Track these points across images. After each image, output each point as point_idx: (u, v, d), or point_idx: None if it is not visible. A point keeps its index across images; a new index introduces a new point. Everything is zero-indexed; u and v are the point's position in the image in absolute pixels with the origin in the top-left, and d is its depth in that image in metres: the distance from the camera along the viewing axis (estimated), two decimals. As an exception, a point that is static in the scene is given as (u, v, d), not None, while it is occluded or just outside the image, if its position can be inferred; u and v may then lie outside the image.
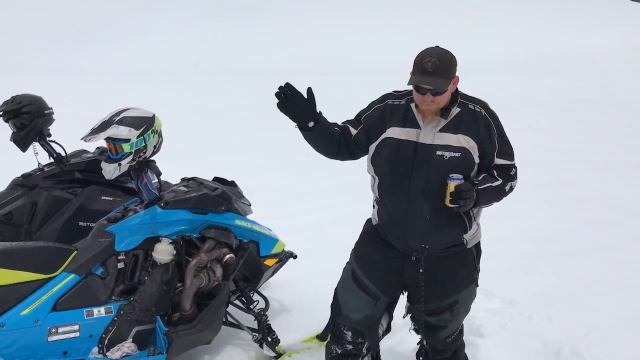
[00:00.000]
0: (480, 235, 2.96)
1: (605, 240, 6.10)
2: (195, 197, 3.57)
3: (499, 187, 2.75)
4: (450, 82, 2.64)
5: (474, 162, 2.72)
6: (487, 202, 2.75)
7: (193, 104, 15.61)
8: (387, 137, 2.79)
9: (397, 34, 27.18)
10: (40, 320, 3.18)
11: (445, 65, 2.61)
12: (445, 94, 2.65)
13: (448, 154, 2.68)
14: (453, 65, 2.66)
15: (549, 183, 8.11)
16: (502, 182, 2.76)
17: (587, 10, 32.26)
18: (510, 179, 2.80)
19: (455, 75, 2.67)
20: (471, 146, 2.70)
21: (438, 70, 2.58)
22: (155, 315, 3.43)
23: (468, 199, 2.59)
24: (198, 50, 25.19)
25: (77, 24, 25.82)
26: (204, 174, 4.15)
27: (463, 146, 2.68)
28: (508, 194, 2.82)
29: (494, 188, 2.73)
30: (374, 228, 2.99)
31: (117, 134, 3.30)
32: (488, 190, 2.70)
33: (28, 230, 4.08)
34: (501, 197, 2.80)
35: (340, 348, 3.04)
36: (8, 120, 4.10)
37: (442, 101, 2.67)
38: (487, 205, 2.79)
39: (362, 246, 3.05)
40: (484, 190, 2.68)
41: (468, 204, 2.62)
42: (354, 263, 3.03)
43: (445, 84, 2.61)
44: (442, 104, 2.69)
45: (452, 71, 2.65)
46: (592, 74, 23.25)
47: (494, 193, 2.73)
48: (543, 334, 4.10)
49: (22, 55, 22.50)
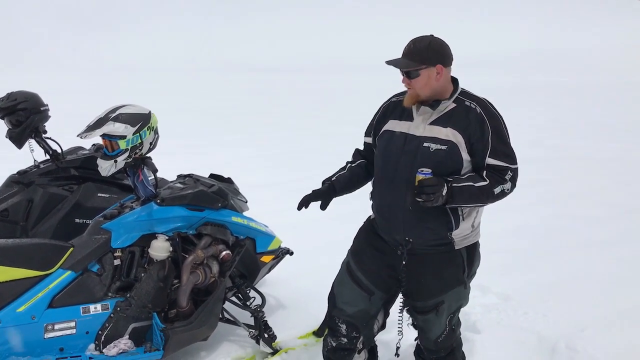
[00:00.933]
0: (475, 239, 2.89)
1: (600, 236, 6.13)
2: (192, 193, 3.57)
3: (484, 188, 2.66)
4: (424, 67, 2.66)
5: (462, 158, 2.69)
6: (467, 202, 2.67)
7: (189, 100, 15.59)
8: (385, 129, 2.86)
9: (395, 30, 27.15)
10: (37, 317, 3.18)
11: (419, 49, 2.67)
12: (419, 80, 2.68)
13: (434, 146, 2.68)
14: (432, 51, 2.68)
15: (544, 179, 8.14)
16: (489, 183, 2.67)
17: (585, 7, 32.29)
18: (502, 182, 2.69)
19: (438, 65, 2.68)
20: (458, 140, 2.67)
21: (410, 52, 2.68)
22: (152, 312, 3.43)
23: (431, 194, 2.55)
24: (193, 46, 25.15)
25: (72, 19, 25.73)
26: (201, 171, 4.15)
27: (450, 140, 2.67)
28: (500, 198, 2.72)
29: (477, 188, 2.64)
30: (370, 222, 3.04)
31: (113, 130, 3.29)
32: (466, 189, 2.63)
33: (24, 227, 4.08)
34: (489, 200, 2.69)
35: (336, 341, 3.05)
36: (4, 117, 4.09)
37: (417, 86, 2.70)
38: (469, 205, 2.70)
39: (357, 240, 3.08)
40: (460, 188, 2.62)
41: (432, 200, 2.57)
42: (350, 257, 3.07)
43: (411, 65, 2.67)
44: (419, 90, 2.71)
45: (429, 57, 2.67)
46: (588, 70, 23.30)
47: (476, 194, 2.65)
48: (539, 329, 4.12)
49: (17, 51, 22.42)
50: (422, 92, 2.71)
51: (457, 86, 2.79)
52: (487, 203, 2.73)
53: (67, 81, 17.24)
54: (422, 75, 2.68)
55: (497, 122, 2.73)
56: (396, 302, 3.12)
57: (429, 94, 2.72)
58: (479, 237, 2.93)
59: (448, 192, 2.60)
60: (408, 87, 2.75)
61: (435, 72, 2.68)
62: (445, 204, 2.63)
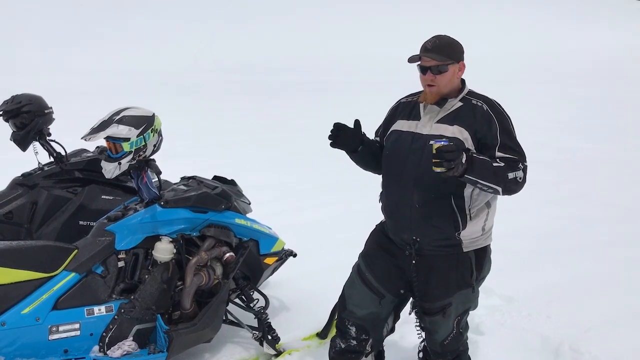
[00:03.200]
0: (485, 243, 2.87)
1: (604, 238, 6.12)
2: (195, 195, 3.58)
3: (500, 168, 2.58)
4: (452, 62, 2.69)
5: None
6: (484, 177, 2.54)
7: (192, 103, 15.62)
8: (393, 129, 2.89)
9: (399, 31, 27.18)
10: (41, 319, 3.19)
11: (446, 44, 2.70)
12: (446, 75, 2.69)
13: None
14: (456, 47, 2.73)
15: (548, 181, 8.13)
16: (505, 166, 2.59)
17: (589, 9, 32.27)
18: (516, 169, 2.61)
19: (461, 62, 2.73)
20: (465, 137, 2.68)
21: (437, 47, 2.69)
22: (156, 314, 3.43)
23: (452, 160, 2.43)
24: (196, 49, 25.20)
25: (76, 23, 25.81)
26: (204, 173, 4.16)
27: (456, 136, 2.68)
28: (512, 186, 2.63)
29: (493, 166, 2.56)
30: (382, 226, 3.06)
31: (117, 133, 3.30)
32: (485, 163, 2.54)
33: (28, 229, 4.09)
34: (502, 183, 2.58)
35: (345, 343, 3.05)
36: (8, 120, 4.11)
37: (442, 82, 2.70)
38: (485, 183, 2.56)
39: (369, 244, 3.10)
40: (481, 160, 2.53)
41: (454, 167, 2.44)
42: (361, 259, 3.08)
43: (443, 59, 2.67)
44: (443, 88, 2.71)
45: (454, 52, 2.71)
46: (593, 72, 23.27)
47: (492, 170, 2.56)
48: (542, 331, 4.11)
49: (21, 54, 22.49)
50: (445, 88, 2.73)
51: (465, 85, 2.82)
52: (500, 187, 2.60)
53: (71, 84, 17.28)
54: (449, 71, 2.71)
55: (504, 119, 2.73)
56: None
57: (449, 90, 2.75)
58: (490, 242, 2.92)
59: (468, 160, 2.50)
60: (431, 84, 2.72)
61: (458, 68, 2.73)
62: (463, 174, 2.51)
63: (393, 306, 3.04)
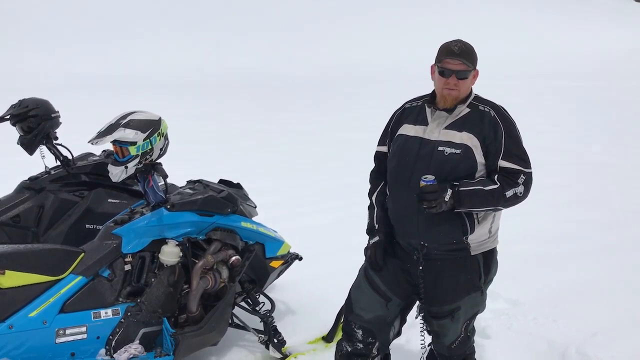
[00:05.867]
0: (492, 245, 2.88)
1: (610, 241, 6.09)
2: (202, 199, 3.59)
3: (494, 191, 2.66)
4: (473, 70, 2.74)
5: (476, 161, 2.71)
6: (477, 206, 2.67)
7: (198, 107, 15.66)
8: (399, 134, 2.89)
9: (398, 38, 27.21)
10: (48, 322, 3.21)
11: (470, 49, 2.75)
12: (467, 81, 2.74)
13: (449, 149, 2.71)
14: (475, 54, 2.77)
15: (553, 184, 8.10)
16: (501, 186, 2.67)
17: (591, 11, 32.22)
18: (514, 185, 2.69)
19: (476, 68, 2.77)
20: (474, 144, 2.70)
21: (464, 52, 2.72)
22: (162, 317, 3.44)
23: (432, 200, 2.59)
24: (202, 55, 25.29)
25: (83, 29, 25.93)
26: (210, 177, 4.17)
27: (465, 143, 2.70)
28: (513, 202, 2.71)
29: (487, 192, 2.65)
30: None
31: (123, 136, 3.32)
32: (474, 193, 2.64)
33: (35, 232, 4.11)
34: (500, 203, 2.69)
35: (351, 346, 3.04)
36: (15, 124, 4.12)
37: (463, 88, 2.74)
38: (480, 209, 2.70)
39: None
40: (467, 192, 2.63)
41: (435, 206, 2.60)
42: (367, 262, 3.06)
43: (469, 67, 2.71)
44: (462, 93, 2.75)
45: (475, 59, 2.76)
46: (596, 74, 23.21)
47: (485, 197, 2.65)
48: (549, 335, 4.10)
49: (24, 55, 22.60)
50: (464, 94, 2.77)
51: (471, 91, 2.83)
52: (500, 207, 2.73)
53: (78, 88, 17.36)
54: (469, 77, 2.75)
55: (510, 126, 2.76)
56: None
57: (465, 95, 2.78)
58: (497, 244, 2.93)
59: (454, 196, 2.62)
60: (453, 88, 2.73)
61: (473, 75, 2.77)
62: (453, 208, 2.65)
63: (400, 309, 3.04)
